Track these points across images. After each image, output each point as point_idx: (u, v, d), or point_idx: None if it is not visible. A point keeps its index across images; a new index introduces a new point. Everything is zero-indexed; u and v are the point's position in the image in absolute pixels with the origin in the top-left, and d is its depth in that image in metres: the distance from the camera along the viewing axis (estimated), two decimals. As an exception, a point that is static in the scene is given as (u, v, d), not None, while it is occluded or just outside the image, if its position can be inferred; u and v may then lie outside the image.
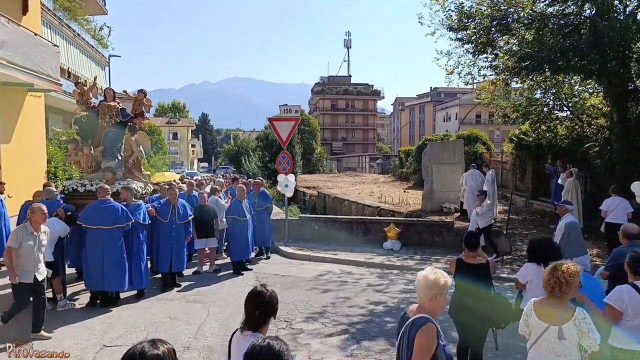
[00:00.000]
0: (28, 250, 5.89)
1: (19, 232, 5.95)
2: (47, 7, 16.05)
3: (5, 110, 11.56)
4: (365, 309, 7.58)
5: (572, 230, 7.14)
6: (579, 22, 11.08)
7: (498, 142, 40.83)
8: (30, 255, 5.91)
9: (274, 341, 2.14)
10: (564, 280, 3.40)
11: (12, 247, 5.85)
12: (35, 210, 6.04)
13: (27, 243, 5.86)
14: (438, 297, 2.98)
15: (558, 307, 3.44)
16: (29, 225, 5.99)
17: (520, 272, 5.32)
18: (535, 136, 16.25)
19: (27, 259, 5.90)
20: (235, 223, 9.91)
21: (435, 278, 2.98)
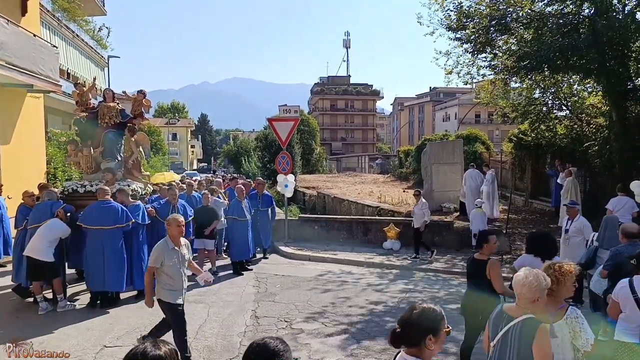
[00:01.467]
0: (173, 268, 5.22)
1: (160, 250, 5.22)
2: (46, 8, 16.05)
3: (4, 111, 11.57)
4: (365, 309, 7.59)
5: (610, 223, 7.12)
6: (578, 22, 11.09)
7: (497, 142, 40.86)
8: (177, 273, 5.25)
9: (270, 340, 2.13)
10: (554, 279, 3.41)
11: (154, 266, 5.19)
12: (171, 222, 5.34)
13: (170, 260, 5.19)
14: (540, 300, 3.03)
15: (551, 305, 3.44)
16: (169, 240, 5.29)
17: (517, 261, 5.57)
18: (534, 136, 16.26)
19: (174, 278, 5.23)
20: (235, 223, 9.92)
21: (539, 281, 3.01)
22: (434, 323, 2.46)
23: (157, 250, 5.23)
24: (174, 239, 5.28)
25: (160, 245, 5.26)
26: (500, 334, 3.08)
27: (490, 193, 13.99)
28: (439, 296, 8.38)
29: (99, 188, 7.76)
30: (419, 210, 11.05)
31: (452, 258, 11.18)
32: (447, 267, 10.40)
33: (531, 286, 3.00)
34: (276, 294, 8.37)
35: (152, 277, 5.22)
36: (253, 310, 7.46)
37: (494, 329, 3.17)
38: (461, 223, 13.36)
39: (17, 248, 7.73)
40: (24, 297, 7.70)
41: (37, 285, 7.21)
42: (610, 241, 6.54)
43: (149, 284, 5.25)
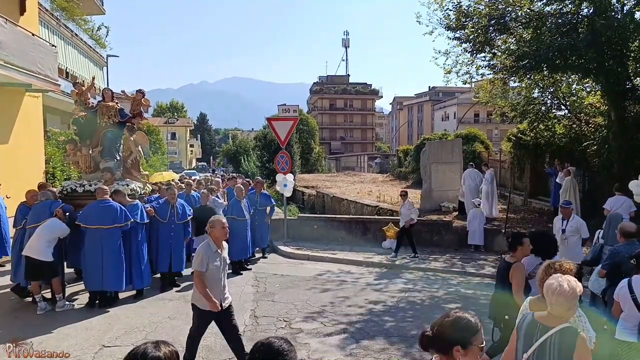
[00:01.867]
0: (214, 273, 4.94)
1: (203, 252, 4.94)
2: (44, 7, 16.02)
3: (2, 111, 11.54)
4: (364, 308, 7.59)
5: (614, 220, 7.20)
6: (577, 21, 11.10)
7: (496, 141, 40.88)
8: (216, 278, 4.98)
9: (275, 340, 2.14)
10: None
11: (200, 270, 4.88)
12: (215, 223, 5.06)
13: (213, 264, 4.90)
14: (574, 307, 2.95)
15: None
16: (212, 242, 5.01)
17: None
18: (533, 135, 16.27)
19: (213, 283, 4.96)
20: (234, 223, 9.89)
21: (574, 287, 2.93)
22: (464, 334, 2.32)
23: (200, 253, 4.95)
24: (217, 241, 5.03)
25: (203, 248, 4.98)
26: (537, 345, 2.96)
27: (489, 192, 14.00)
28: (438, 295, 8.39)
29: (98, 187, 7.75)
30: (405, 210, 11.16)
31: (451, 257, 11.18)
32: (446, 267, 10.40)
33: (565, 294, 2.90)
34: (275, 293, 8.37)
35: (202, 280, 4.87)
36: (252, 309, 7.45)
37: (526, 339, 3.04)
38: (460, 222, 13.38)
39: (16, 247, 7.72)
40: (23, 297, 7.69)
41: (35, 285, 7.20)
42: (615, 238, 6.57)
43: (205, 290, 4.84)
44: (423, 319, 7.07)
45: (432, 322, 6.37)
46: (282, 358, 2.06)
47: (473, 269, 10.13)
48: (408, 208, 11.14)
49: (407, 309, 7.58)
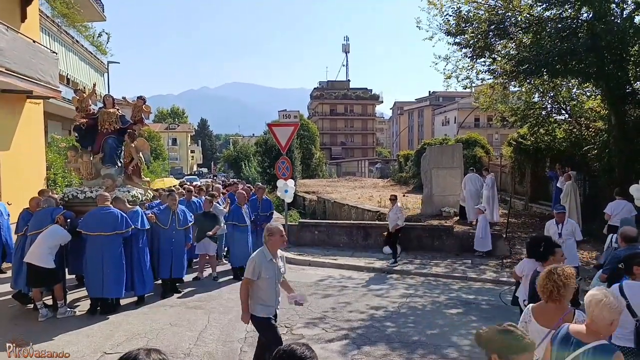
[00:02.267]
0: (269, 282, 4.79)
1: (257, 260, 4.73)
2: (45, 14, 16.09)
3: (4, 118, 11.58)
4: (365, 314, 7.57)
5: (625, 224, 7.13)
6: (577, 26, 11.14)
7: (497, 146, 40.91)
8: (271, 287, 4.84)
9: (297, 347, 2.15)
10: (561, 283, 3.39)
11: (250, 278, 4.73)
12: (274, 231, 4.83)
13: (267, 273, 4.73)
14: (615, 323, 2.84)
15: (557, 311, 3.43)
16: (267, 250, 4.81)
17: (518, 265, 5.66)
18: (533, 140, 16.29)
19: (269, 292, 4.82)
20: (235, 229, 9.91)
21: (618, 301, 2.85)
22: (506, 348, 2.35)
23: (253, 261, 4.75)
24: (273, 249, 4.84)
25: (257, 256, 4.79)
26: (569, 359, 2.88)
27: (490, 197, 13.99)
28: (440, 301, 8.37)
29: (99, 194, 7.75)
30: (393, 214, 11.17)
31: (452, 262, 11.16)
32: (448, 272, 10.37)
33: (612, 307, 2.79)
34: (276, 299, 8.34)
35: (247, 290, 4.76)
36: (253, 316, 7.42)
37: (559, 353, 2.95)
38: (461, 227, 13.38)
39: (17, 254, 7.71)
40: (24, 304, 7.69)
41: (37, 291, 7.20)
42: None
43: (245, 297, 4.78)
44: (424, 324, 7.06)
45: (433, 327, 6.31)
46: None
47: (474, 274, 10.11)
48: (395, 212, 11.15)
49: (409, 315, 7.57)
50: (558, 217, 8.11)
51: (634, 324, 4.14)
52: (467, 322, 7.21)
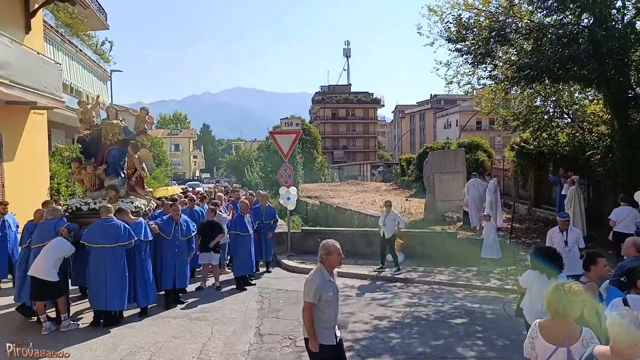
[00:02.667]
0: (330, 304, 4.44)
1: (317, 282, 4.39)
2: (49, 24, 16.19)
3: (8, 129, 11.64)
4: (369, 325, 7.55)
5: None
6: (577, 32, 11.14)
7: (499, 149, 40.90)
8: (333, 309, 4.49)
9: None
10: (567, 301, 3.38)
11: (311, 302, 4.34)
12: (332, 250, 4.49)
13: (327, 294, 4.39)
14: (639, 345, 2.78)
15: (564, 328, 3.41)
16: (325, 271, 4.49)
17: (522, 277, 5.51)
18: (536, 144, 16.27)
19: (329, 314, 4.46)
20: (238, 238, 9.92)
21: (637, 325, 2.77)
22: None
23: (314, 283, 4.39)
24: (331, 268, 4.55)
25: (316, 277, 4.44)
26: None
27: (493, 202, 13.97)
28: (444, 310, 8.34)
29: (102, 206, 7.77)
30: (390, 221, 11.04)
31: (456, 270, 11.12)
32: (452, 280, 10.34)
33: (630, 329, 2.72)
34: (280, 309, 8.34)
35: (311, 315, 4.38)
36: (257, 327, 7.43)
37: None
38: (465, 233, 13.33)
39: (21, 267, 7.71)
40: (28, 317, 7.69)
41: (40, 304, 7.20)
42: None
43: (311, 324, 4.37)
44: (429, 335, 7.03)
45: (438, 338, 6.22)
46: None
47: (479, 281, 10.08)
48: (394, 219, 11.11)
49: (413, 325, 7.54)
50: (562, 225, 7.92)
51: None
52: (472, 332, 7.18)
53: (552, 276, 5.09)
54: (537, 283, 5.24)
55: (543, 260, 5.22)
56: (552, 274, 5.11)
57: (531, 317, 5.18)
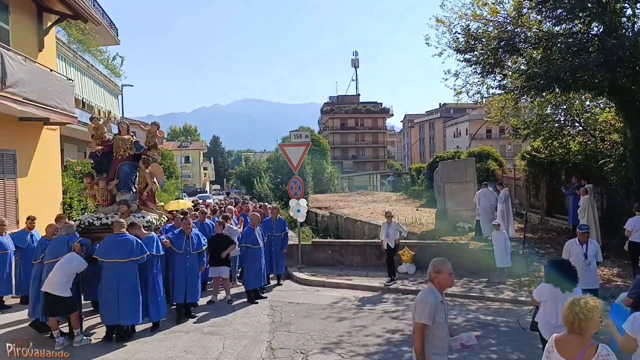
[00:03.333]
0: (442, 326, 4.11)
1: (432, 302, 4.05)
2: (61, 41, 16.47)
3: (22, 145, 11.80)
4: (382, 338, 7.49)
5: None
6: (587, 41, 11.08)
7: (510, 157, 40.60)
8: (445, 332, 4.16)
9: None
10: (582, 316, 3.33)
11: (426, 323, 4.02)
12: (442, 268, 4.22)
13: (439, 317, 4.06)
14: None
15: (580, 343, 3.36)
16: (437, 291, 4.18)
17: (536, 290, 5.46)
18: (547, 152, 16.14)
19: (442, 338, 4.13)
20: (249, 251, 9.91)
21: None
22: None
23: (427, 303, 4.04)
24: (442, 288, 4.23)
25: (429, 297, 4.09)
26: None
27: (504, 212, 13.83)
28: (457, 322, 8.24)
29: (115, 221, 7.82)
30: (393, 231, 11.12)
31: (469, 281, 11.02)
32: (464, 291, 10.24)
33: None
34: (291, 323, 8.31)
35: (423, 338, 4.05)
36: (268, 341, 7.40)
37: None
38: (477, 243, 13.21)
39: (35, 283, 7.76)
40: (41, 332, 7.72)
41: (53, 320, 7.23)
42: None
43: (421, 346, 4.05)
44: (442, 348, 6.94)
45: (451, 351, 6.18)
46: None
47: (492, 293, 9.97)
48: (396, 228, 11.15)
49: (426, 338, 7.45)
50: (582, 237, 7.60)
51: None
52: (487, 345, 7.08)
53: (566, 290, 5.03)
54: (551, 297, 5.18)
55: (558, 273, 5.17)
56: (566, 288, 5.05)
57: (546, 331, 5.11)
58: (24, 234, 9.61)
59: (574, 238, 7.90)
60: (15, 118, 11.32)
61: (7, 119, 11.00)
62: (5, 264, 9.09)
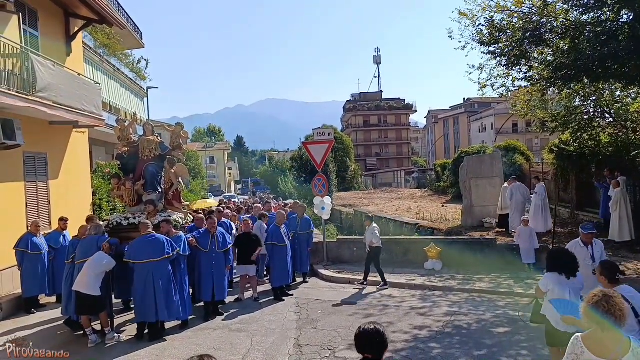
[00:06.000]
0: None
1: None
2: (88, 46, 16.85)
3: (52, 148, 12.13)
4: (409, 334, 7.43)
5: None
6: (617, 29, 10.69)
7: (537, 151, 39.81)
8: None
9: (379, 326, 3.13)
10: (619, 312, 3.22)
11: None
12: None
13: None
14: None
15: (614, 339, 3.26)
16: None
17: (541, 281, 5.41)
18: (577, 145, 15.72)
19: None
20: (275, 249, 9.96)
21: None
22: None
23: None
24: None
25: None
26: None
27: (541, 206, 13.49)
28: (486, 319, 8.12)
29: (141, 222, 7.95)
30: (370, 236, 10.73)
31: (497, 277, 10.83)
32: (492, 287, 10.07)
33: None
34: (318, 320, 8.32)
35: None
36: (295, 338, 7.42)
37: None
38: (504, 239, 12.98)
39: (67, 282, 7.98)
40: (75, 330, 7.93)
41: (86, 318, 7.42)
42: None
43: None
44: (471, 344, 6.86)
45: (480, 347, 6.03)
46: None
47: (521, 289, 9.78)
48: (372, 233, 10.75)
49: (454, 334, 7.37)
50: (587, 238, 6.84)
51: None
52: (516, 342, 6.95)
53: (571, 275, 5.15)
54: (557, 284, 5.11)
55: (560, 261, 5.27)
56: (570, 274, 5.16)
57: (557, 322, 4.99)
58: (57, 234, 9.88)
59: (576, 239, 7.08)
60: (46, 122, 11.64)
61: (38, 123, 11.31)
62: (39, 264, 9.36)
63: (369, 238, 10.81)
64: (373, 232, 10.79)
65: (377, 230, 10.93)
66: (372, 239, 10.72)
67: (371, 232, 10.80)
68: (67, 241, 9.43)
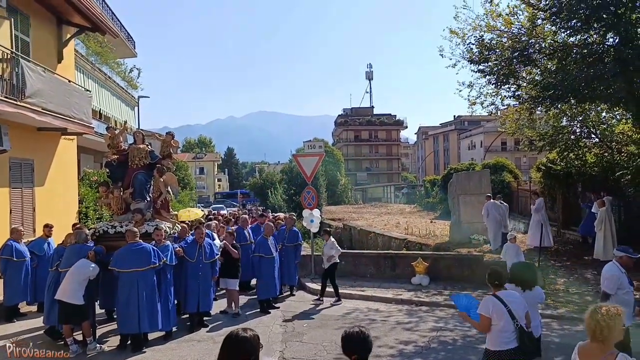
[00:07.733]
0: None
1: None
2: (80, 53, 16.82)
3: (40, 154, 12.03)
4: (394, 349, 7.41)
5: None
6: (603, 51, 10.95)
7: (525, 170, 40.20)
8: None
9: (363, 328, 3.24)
10: (604, 324, 3.27)
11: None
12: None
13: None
14: None
15: (601, 352, 3.30)
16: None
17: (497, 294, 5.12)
18: (563, 164, 15.94)
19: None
20: (262, 261, 9.90)
21: None
22: None
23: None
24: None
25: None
26: None
27: (540, 221, 13.50)
28: (471, 335, 8.11)
29: (128, 230, 7.87)
30: (328, 249, 10.68)
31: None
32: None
33: None
34: (304, 333, 8.26)
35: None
36: (281, 351, 7.36)
37: None
38: (492, 256, 13.04)
39: (50, 290, 7.85)
40: (56, 340, 7.78)
41: (67, 327, 7.29)
42: None
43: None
44: (456, 361, 6.85)
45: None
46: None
47: (506, 305, 9.79)
48: (330, 247, 10.73)
49: (439, 350, 7.37)
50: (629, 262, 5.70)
51: None
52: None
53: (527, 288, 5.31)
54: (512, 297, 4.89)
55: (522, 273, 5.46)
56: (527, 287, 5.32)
57: None
58: (41, 241, 9.74)
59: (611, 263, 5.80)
60: (34, 128, 11.55)
61: (26, 129, 11.23)
62: (22, 272, 9.21)
63: (327, 252, 10.71)
64: (332, 246, 10.73)
65: (336, 244, 10.89)
66: (331, 252, 10.63)
67: (330, 246, 10.75)
68: (52, 248, 9.28)
